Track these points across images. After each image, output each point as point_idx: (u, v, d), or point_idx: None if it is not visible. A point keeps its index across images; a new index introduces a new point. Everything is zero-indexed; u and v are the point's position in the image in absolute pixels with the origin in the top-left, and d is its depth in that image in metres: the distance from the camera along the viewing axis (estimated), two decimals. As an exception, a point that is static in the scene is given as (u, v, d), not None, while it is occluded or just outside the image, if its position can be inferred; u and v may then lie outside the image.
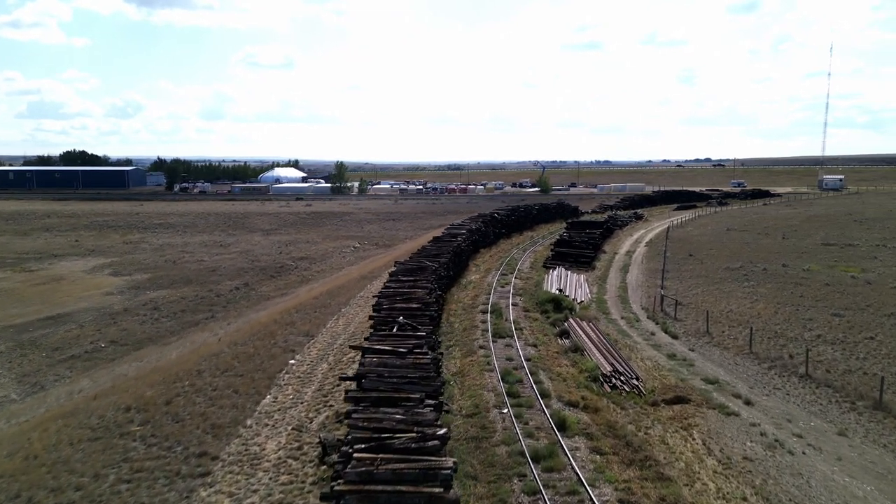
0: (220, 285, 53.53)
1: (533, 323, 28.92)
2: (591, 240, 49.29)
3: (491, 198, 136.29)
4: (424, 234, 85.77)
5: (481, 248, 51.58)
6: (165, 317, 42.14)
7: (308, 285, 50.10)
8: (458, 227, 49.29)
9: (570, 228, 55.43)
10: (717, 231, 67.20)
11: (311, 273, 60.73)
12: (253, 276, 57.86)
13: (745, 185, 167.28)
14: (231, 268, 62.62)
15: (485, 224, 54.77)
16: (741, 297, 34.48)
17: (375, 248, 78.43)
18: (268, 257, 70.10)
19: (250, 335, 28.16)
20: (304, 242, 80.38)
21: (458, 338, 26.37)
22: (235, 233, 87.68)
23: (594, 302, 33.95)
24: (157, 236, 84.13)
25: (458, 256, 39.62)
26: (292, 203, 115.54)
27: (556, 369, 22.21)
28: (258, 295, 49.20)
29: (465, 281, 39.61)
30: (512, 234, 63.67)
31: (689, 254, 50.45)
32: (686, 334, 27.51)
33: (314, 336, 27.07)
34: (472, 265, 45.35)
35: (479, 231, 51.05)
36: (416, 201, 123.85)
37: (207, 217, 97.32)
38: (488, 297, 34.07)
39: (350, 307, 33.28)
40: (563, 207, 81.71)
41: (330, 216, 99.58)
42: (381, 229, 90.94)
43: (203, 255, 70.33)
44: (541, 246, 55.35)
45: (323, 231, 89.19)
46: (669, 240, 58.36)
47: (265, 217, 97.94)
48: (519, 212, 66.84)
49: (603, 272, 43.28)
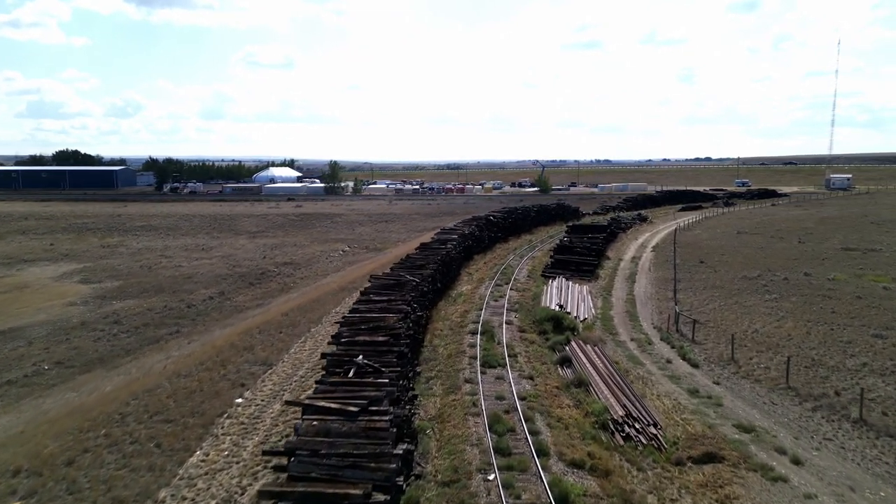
0: (193, 294, 49.77)
1: (529, 347, 24.97)
2: (594, 245, 45.29)
3: (489, 198, 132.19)
4: (417, 237, 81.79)
5: (475, 255, 47.67)
6: (125, 332, 38.19)
7: (285, 295, 46.22)
8: (449, 232, 45.36)
9: (571, 232, 51.43)
10: (728, 234, 63.24)
11: (294, 280, 56.93)
12: (230, 284, 54.06)
13: (750, 184, 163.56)
14: (209, 274, 58.84)
15: (479, 228, 50.86)
16: (765, 313, 30.54)
17: (365, 251, 74.54)
18: (250, 262, 66.18)
19: (200, 362, 24.24)
20: (290, 246, 76.47)
21: (442, 367, 22.46)
22: (220, 235, 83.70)
23: (599, 319, 30.00)
24: (137, 239, 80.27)
25: (448, 266, 35.73)
26: (282, 204, 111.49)
27: (556, 411, 18.27)
28: (232, 306, 45.37)
29: (456, 293, 35.69)
30: (509, 237, 59.76)
31: (700, 260, 46.51)
32: (708, 361, 23.56)
33: (273, 365, 23.14)
34: (463, 274, 41.44)
35: (472, 236, 47.14)
36: (410, 202, 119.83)
37: (192, 219, 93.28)
38: (479, 312, 30.15)
39: (322, 325, 29.37)
40: (564, 209, 77.79)
41: (320, 218, 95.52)
42: (373, 231, 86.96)
43: (182, 260, 66.50)
44: (539, 251, 51.40)
45: (312, 233, 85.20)
46: (677, 244, 54.40)
47: (252, 219, 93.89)
48: (516, 214, 62.91)
49: (608, 282, 39.34)
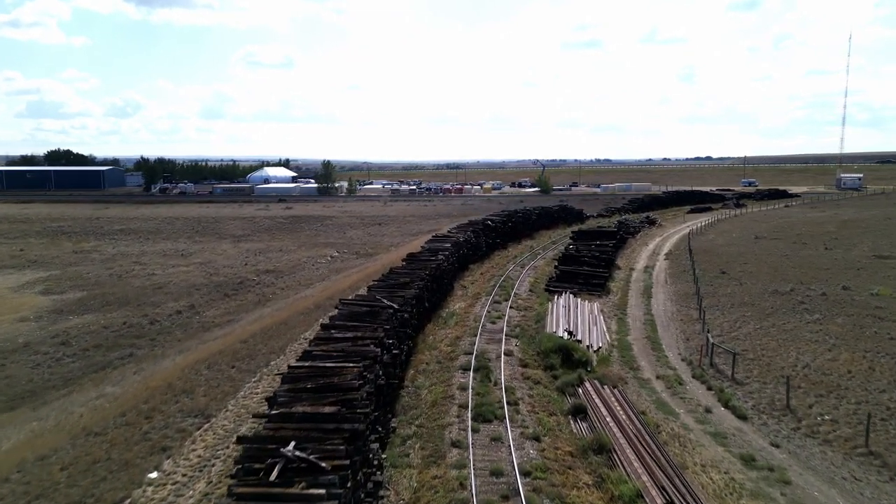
0: (159, 308, 45.18)
1: (533, 389, 20.24)
2: (603, 254, 40.55)
3: (488, 199, 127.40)
4: (411, 241, 77.01)
5: (471, 264, 42.96)
6: (71, 356, 33.42)
7: (258, 311, 41.51)
8: (441, 240, 40.64)
9: (577, 239, 46.70)
10: (745, 239, 58.52)
11: (273, 291, 52.28)
12: (204, 296, 49.42)
13: (757, 184, 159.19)
14: (182, 284, 54.23)
15: (476, 233, 46.16)
16: (811, 339, 25.82)
17: (355, 257, 69.85)
18: (229, 270, 61.50)
19: (122, 412, 19.51)
20: (275, 251, 71.73)
21: (424, 419, 17.76)
22: (202, 240, 78.94)
23: (615, 347, 25.28)
24: (113, 244, 75.63)
25: (439, 280, 31.03)
26: (272, 205, 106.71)
27: (571, 499, 13.56)
28: (199, 323, 40.74)
29: (447, 312, 30.98)
30: (508, 243, 55.05)
31: (722, 270, 41.77)
32: (758, 410, 18.83)
33: (211, 416, 18.41)
34: (457, 287, 36.72)
35: (467, 243, 42.43)
36: (406, 203, 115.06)
37: (174, 222, 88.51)
38: (474, 339, 25.44)
39: (286, 356, 24.66)
40: (566, 211, 73.10)
41: (310, 220, 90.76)
42: (365, 235, 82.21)
43: (157, 268, 61.89)
44: (542, 260, 46.65)
45: (300, 237, 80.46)
46: (692, 251, 49.69)
47: (239, 222, 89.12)
48: (516, 217, 58.19)
49: (621, 297, 34.61)
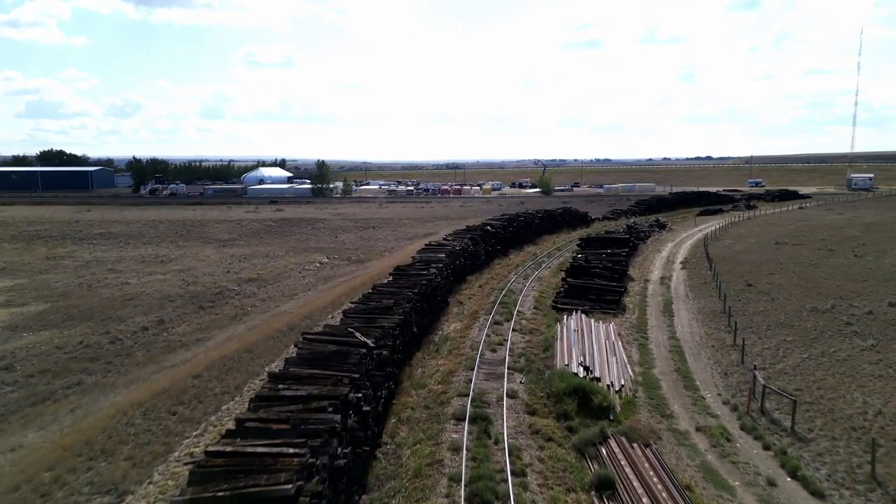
0: (125, 323, 40.90)
1: (546, 449, 15.98)
2: (616, 265, 36.29)
3: (487, 200, 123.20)
4: (406, 245, 72.78)
5: (469, 276, 38.74)
6: (12, 384, 29.11)
7: (231, 329, 37.28)
8: (436, 249, 36.40)
9: (585, 247, 42.44)
10: (764, 245, 54.30)
11: (253, 303, 48.08)
12: (176, 309, 45.21)
13: (764, 184, 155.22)
14: (156, 295, 50.02)
15: (474, 240, 41.95)
16: (873, 373, 21.58)
17: (346, 263, 65.64)
18: (209, 278, 57.27)
19: (24, 479, 15.27)
20: (261, 257, 67.49)
21: (402, 498, 13.54)
22: (185, 244, 74.70)
23: (640, 384, 21.04)
24: (90, 249, 71.40)
25: (430, 299, 26.83)
26: (262, 208, 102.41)
27: None
28: (165, 342, 36.51)
29: (440, 335, 26.75)
30: (510, 249, 50.86)
31: (747, 282, 37.54)
32: (835, 482, 14.58)
33: (126, 494, 14.13)
34: (453, 304, 32.49)
35: (464, 252, 38.21)
36: (403, 205, 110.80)
37: (158, 225, 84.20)
38: (470, 374, 21.22)
39: (242, 398, 20.41)
40: (571, 214, 68.89)
41: (300, 224, 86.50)
42: (357, 239, 77.98)
43: (131, 276, 57.69)
44: (547, 270, 42.39)
45: (289, 242, 76.23)
46: (711, 258, 45.47)
47: (225, 225, 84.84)
48: (518, 222, 53.96)
49: (639, 316, 30.36)
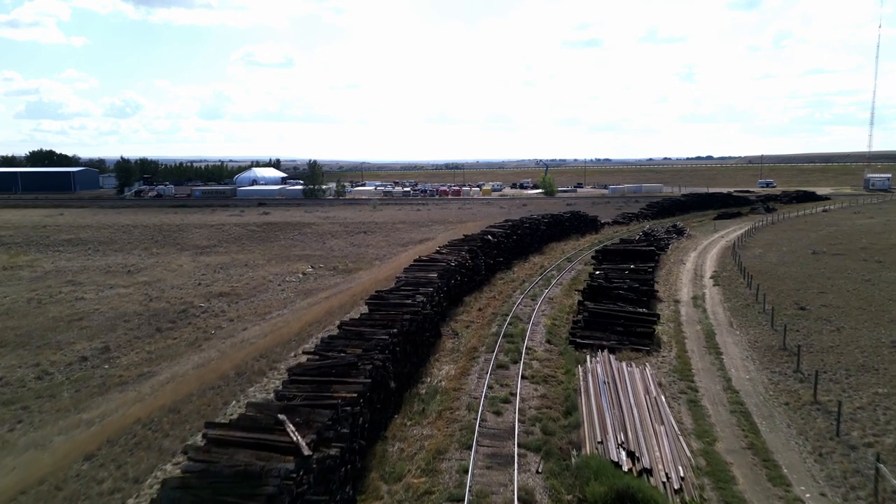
0: (64, 351, 35.28)
1: None
2: (643, 284, 30.20)
3: (487, 202, 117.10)
4: (399, 253, 66.68)
5: (466, 296, 32.67)
6: None
7: (182, 361, 31.28)
8: (427, 266, 30.31)
9: (603, 260, 36.34)
10: (801, 255, 48.21)
11: (219, 324, 42.08)
12: (129, 332, 39.47)
13: (774, 184, 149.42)
14: (110, 314, 44.19)
15: (473, 253, 35.89)
16: None
17: (332, 274, 59.62)
18: (176, 293, 51.32)
19: None
20: (240, 266, 61.48)
21: None
22: (160, 252, 68.70)
23: (705, 474, 14.95)
24: (54, 258, 65.61)
25: (415, 337, 20.79)
26: (248, 211, 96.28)
27: None
28: (101, 378, 30.77)
29: (428, 385, 20.67)
30: (513, 261, 44.82)
31: (798, 305, 31.42)
32: None
33: None
34: (446, 336, 26.38)
35: (461, 268, 32.15)
36: (398, 208, 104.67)
37: (132, 231, 78.14)
38: (466, 457, 15.16)
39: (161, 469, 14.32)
40: (579, 219, 62.85)
41: (287, 228, 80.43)
42: (347, 246, 71.95)
43: (90, 290, 51.90)
44: (558, 287, 36.26)
45: (272, 249, 70.19)
46: (745, 272, 39.37)
47: (205, 230, 78.78)
48: (522, 229, 47.92)
49: (678, 353, 24.25)
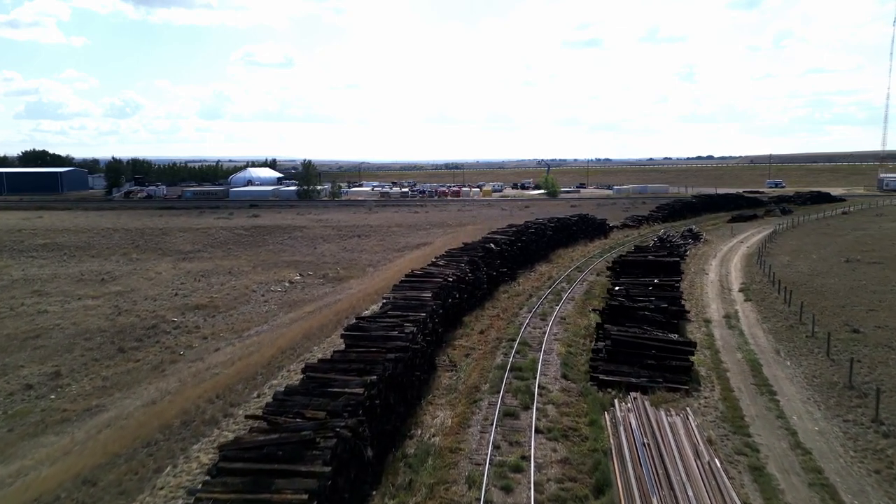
0: (9, 377, 32.16)
1: None
2: (672, 303, 25.92)
3: (488, 203, 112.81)
4: (395, 258, 62.37)
5: (465, 315, 28.39)
6: None
7: (137, 392, 27.14)
8: (420, 282, 26.02)
9: (621, 272, 32.00)
10: (833, 263, 43.94)
11: (190, 342, 37.88)
12: (87, 352, 35.61)
13: (784, 185, 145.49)
14: (71, 330, 40.20)
15: (473, 264, 31.63)
16: None
17: (321, 282, 55.37)
18: (149, 305, 47.12)
19: None
20: (222, 274, 57.23)
21: None
22: (140, 258, 64.46)
23: None
24: (24, 265, 61.47)
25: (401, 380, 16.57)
26: (237, 213, 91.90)
27: None
28: (45, 410, 27.27)
29: (418, 440, 16.40)
30: (518, 271, 40.55)
31: (850, 327, 27.10)
32: None
33: None
34: (441, 369, 22.13)
35: (461, 282, 27.88)
36: (395, 210, 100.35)
37: (113, 234, 73.86)
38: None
39: None
40: (587, 223, 58.61)
41: (276, 232, 76.17)
42: (339, 251, 67.68)
43: (55, 301, 47.90)
44: (571, 303, 31.92)
45: (259, 254, 65.93)
46: (777, 283, 35.09)
47: (190, 234, 74.50)
48: (528, 235, 43.66)
49: (722, 394, 19.91)
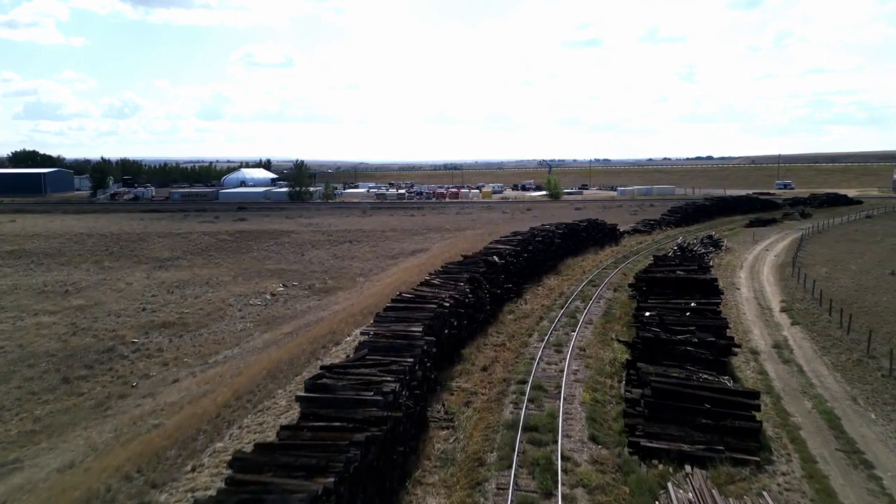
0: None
1: None
2: (717, 332, 21.17)
3: (488, 206, 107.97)
4: (388, 266, 57.61)
5: (465, 347, 23.62)
6: None
7: (68, 441, 22.41)
8: (409, 310, 21.25)
9: (648, 291, 27.13)
10: (876, 275, 39.14)
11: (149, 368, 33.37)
12: (24, 384, 31.76)
13: (793, 186, 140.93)
14: (14, 355, 36.38)
15: (474, 282, 26.89)
16: None
17: (306, 294, 50.64)
18: (110, 322, 42.38)
19: None
20: (199, 285, 52.41)
21: None
22: (112, 266, 59.62)
23: None
24: (-14, 274, 56.50)
25: (373, 468, 11.87)
26: (223, 217, 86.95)
27: None
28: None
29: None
30: (524, 286, 35.81)
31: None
32: None
33: None
34: (434, 424, 17.36)
35: (459, 306, 23.14)
36: (390, 213, 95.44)
37: (86, 240, 68.96)
38: None
39: None
40: (596, 228, 53.88)
41: (263, 237, 71.28)
42: (329, 258, 62.86)
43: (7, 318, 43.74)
44: (589, 328, 27.07)
45: (242, 262, 61.09)
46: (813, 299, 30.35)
47: (170, 239, 69.62)
48: (535, 245, 38.90)
49: (805, 469, 15.01)
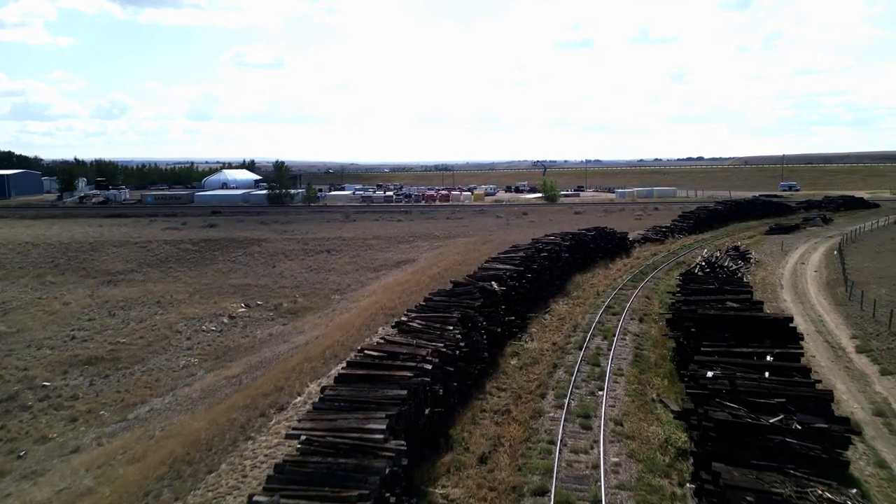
0: None
1: None
2: (816, 408, 14.67)
3: (481, 210, 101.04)
4: (370, 282, 50.63)
5: (454, 424, 16.89)
6: None
7: None
8: (370, 386, 14.47)
9: (700, 335, 20.48)
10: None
11: (51, 424, 27.73)
12: None
13: (798, 187, 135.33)
14: None
15: (468, 324, 20.17)
16: None
17: (271, 316, 43.78)
18: (27, 355, 35.59)
19: None
20: (149, 305, 45.32)
21: None
22: (54, 281, 52.34)
23: None
24: None
25: None
26: (191, 222, 79.51)
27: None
28: None
29: None
30: (529, 315, 29.09)
31: None
32: None
33: None
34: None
35: (446, 365, 16.40)
36: (375, 218, 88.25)
37: (32, 250, 61.51)
38: None
39: None
40: (605, 238, 47.26)
41: (231, 246, 64.09)
42: (303, 271, 55.81)
43: None
44: (621, 381, 20.23)
45: (204, 276, 53.96)
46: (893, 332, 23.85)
47: (126, 249, 62.31)
48: (540, 262, 32.12)
49: None
